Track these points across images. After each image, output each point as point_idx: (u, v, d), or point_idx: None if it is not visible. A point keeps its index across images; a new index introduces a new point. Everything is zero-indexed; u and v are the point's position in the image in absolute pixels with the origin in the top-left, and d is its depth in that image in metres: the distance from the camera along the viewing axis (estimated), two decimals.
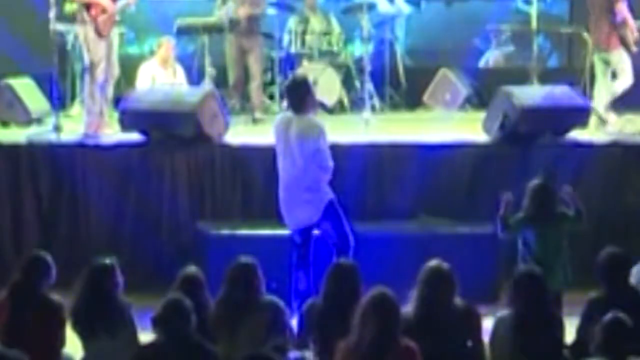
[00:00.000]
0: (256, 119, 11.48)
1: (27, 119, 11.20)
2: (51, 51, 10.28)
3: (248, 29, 11.64)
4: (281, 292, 6.92)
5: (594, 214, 8.44)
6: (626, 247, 6.78)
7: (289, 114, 8.02)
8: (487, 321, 6.30)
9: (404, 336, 5.48)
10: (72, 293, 6.34)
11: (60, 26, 10.89)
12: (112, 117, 10.20)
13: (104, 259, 6.40)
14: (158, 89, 10.60)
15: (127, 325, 6.26)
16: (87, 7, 9.98)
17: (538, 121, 9.40)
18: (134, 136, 9.65)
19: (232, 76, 11.83)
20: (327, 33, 12.58)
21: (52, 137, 9.89)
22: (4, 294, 6.40)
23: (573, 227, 7.42)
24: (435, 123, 10.92)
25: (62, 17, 10.92)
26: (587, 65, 11.09)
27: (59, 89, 10.66)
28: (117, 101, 10.24)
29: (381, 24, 12.86)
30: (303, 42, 12.48)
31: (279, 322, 6.29)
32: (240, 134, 10.11)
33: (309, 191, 7.81)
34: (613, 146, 9.65)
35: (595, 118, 10.22)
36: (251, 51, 11.69)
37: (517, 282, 6.10)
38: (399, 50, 13.09)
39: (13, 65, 11.97)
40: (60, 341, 6.37)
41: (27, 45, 11.89)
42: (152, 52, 12.00)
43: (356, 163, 9.17)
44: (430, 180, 9.25)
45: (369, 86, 11.45)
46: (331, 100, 12.11)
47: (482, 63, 13.63)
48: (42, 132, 10.26)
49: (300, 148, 7.77)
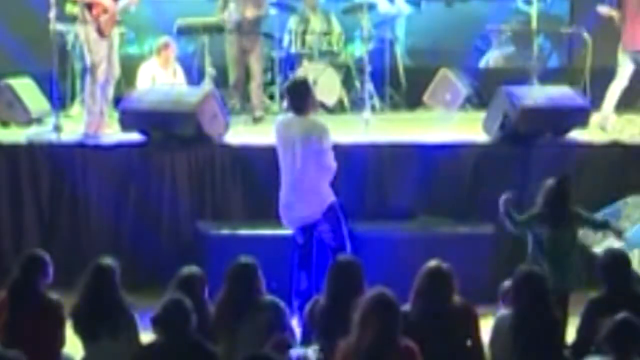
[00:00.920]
0: (256, 118, 11.50)
1: (27, 119, 11.20)
2: (51, 51, 10.26)
3: (250, 30, 11.66)
4: (281, 292, 6.90)
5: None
6: None
7: (290, 115, 8.03)
8: (487, 321, 6.30)
9: (404, 336, 5.48)
10: (74, 293, 6.34)
11: (60, 26, 10.88)
12: (112, 117, 10.20)
13: (106, 260, 6.38)
14: (158, 89, 10.58)
15: (129, 326, 6.24)
16: (89, 7, 9.97)
17: (538, 121, 9.40)
18: (134, 136, 9.64)
19: (233, 76, 11.83)
20: (328, 33, 12.57)
21: (52, 137, 9.88)
22: (4, 294, 6.40)
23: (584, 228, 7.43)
24: (435, 123, 10.92)
25: (63, 17, 10.93)
26: (587, 65, 11.08)
27: (59, 89, 10.63)
28: (118, 101, 10.24)
29: (381, 24, 12.86)
30: (303, 42, 12.48)
31: (280, 323, 6.30)
32: (240, 134, 10.11)
33: (311, 192, 7.81)
34: (613, 146, 9.64)
35: (599, 118, 10.22)
36: (252, 51, 11.70)
37: (518, 282, 6.10)
38: (399, 50, 13.09)
39: (13, 65, 11.97)
40: (59, 341, 6.36)
41: (27, 45, 11.89)
42: (154, 52, 11.95)
43: (356, 163, 9.17)
44: (430, 180, 9.24)
45: (369, 86, 11.42)
46: (331, 100, 12.11)
47: (482, 63, 13.62)
48: (42, 132, 10.25)
49: (303, 148, 7.78)
